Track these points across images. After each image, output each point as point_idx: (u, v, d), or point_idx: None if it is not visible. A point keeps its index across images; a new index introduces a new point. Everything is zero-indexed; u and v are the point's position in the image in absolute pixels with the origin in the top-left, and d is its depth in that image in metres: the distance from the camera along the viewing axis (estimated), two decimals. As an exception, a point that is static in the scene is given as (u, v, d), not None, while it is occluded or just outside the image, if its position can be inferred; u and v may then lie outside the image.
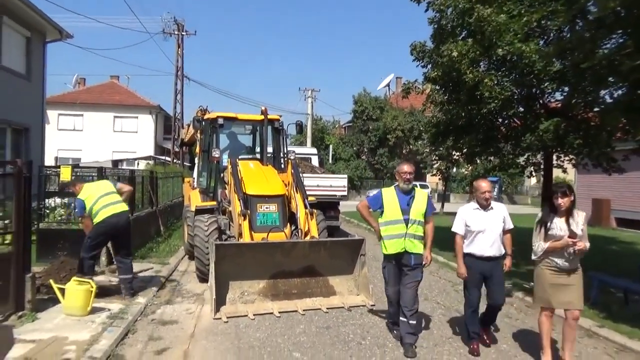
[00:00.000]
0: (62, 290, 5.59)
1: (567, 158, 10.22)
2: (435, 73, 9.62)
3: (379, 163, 37.67)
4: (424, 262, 5.05)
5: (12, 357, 4.15)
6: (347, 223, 17.79)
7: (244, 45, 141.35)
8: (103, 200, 6.36)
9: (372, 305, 6.45)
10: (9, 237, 5.73)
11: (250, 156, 9.29)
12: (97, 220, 6.26)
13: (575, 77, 7.72)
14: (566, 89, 8.81)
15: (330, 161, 32.97)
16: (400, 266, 5.03)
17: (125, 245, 6.59)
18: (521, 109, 9.76)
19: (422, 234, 5.03)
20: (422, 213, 5.01)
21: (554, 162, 10.39)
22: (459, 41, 8.92)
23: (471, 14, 8.40)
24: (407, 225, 4.92)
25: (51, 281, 5.84)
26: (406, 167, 5.05)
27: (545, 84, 8.65)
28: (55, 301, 5.70)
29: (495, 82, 8.39)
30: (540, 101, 9.58)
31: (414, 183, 5.17)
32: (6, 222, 6.96)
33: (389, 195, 5.09)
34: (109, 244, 7.04)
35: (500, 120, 10.26)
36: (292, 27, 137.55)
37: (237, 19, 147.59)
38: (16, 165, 5.43)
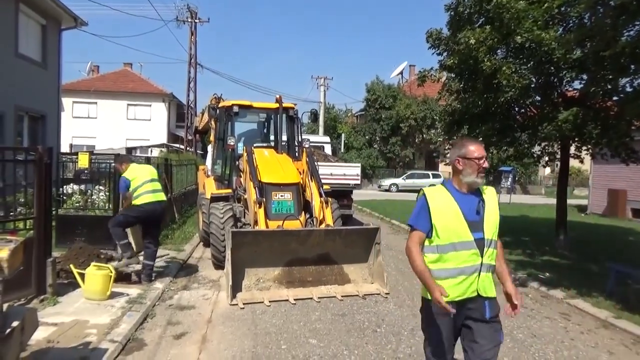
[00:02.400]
0: (82, 275, 5.70)
1: (584, 148, 10.08)
2: (452, 61, 9.47)
3: (391, 152, 37.49)
4: (514, 312, 2.80)
5: (35, 339, 4.23)
6: (360, 212, 17.82)
7: (256, 33, 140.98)
8: (148, 186, 6.55)
9: (386, 294, 6.47)
10: (30, 223, 5.81)
11: (265, 144, 9.31)
12: (137, 202, 6.43)
13: (595, 65, 7.57)
14: (585, 77, 8.66)
15: (342, 150, 32.88)
16: (461, 322, 2.84)
17: (154, 233, 6.75)
18: (538, 98, 9.62)
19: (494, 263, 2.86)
20: (497, 226, 2.85)
21: (571, 151, 10.26)
22: (477, 28, 8.76)
23: (489, 0, 8.26)
24: (482, 251, 2.75)
25: (71, 266, 5.96)
26: (478, 149, 2.80)
27: (564, 72, 8.51)
28: (75, 286, 5.82)
29: (513, 70, 8.27)
30: (559, 90, 9.43)
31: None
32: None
33: (441, 199, 2.81)
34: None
35: (517, 109, 10.13)
36: (305, 14, 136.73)
37: (249, 6, 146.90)
38: (37, 152, 5.51)
